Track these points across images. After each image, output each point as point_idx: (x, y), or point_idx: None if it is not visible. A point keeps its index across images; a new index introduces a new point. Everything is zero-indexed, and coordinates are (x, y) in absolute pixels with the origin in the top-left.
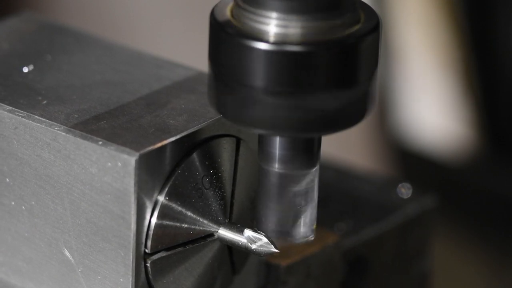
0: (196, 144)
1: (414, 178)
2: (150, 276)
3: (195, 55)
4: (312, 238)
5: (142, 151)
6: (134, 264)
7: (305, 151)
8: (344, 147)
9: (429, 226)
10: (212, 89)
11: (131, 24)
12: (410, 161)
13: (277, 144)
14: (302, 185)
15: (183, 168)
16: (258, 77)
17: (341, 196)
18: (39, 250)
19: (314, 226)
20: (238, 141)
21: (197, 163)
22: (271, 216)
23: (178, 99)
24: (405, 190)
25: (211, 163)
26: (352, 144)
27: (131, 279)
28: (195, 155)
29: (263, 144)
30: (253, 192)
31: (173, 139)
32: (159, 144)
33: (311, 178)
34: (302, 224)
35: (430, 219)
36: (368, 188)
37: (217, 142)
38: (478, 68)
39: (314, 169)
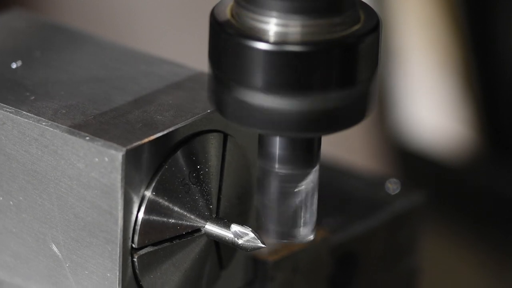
0: (183, 140)
1: (413, 178)
2: (137, 271)
3: (195, 55)
4: (313, 238)
5: (129, 147)
6: (121, 259)
7: (305, 151)
8: (344, 147)
9: (418, 222)
10: (213, 89)
11: (131, 24)
12: (409, 160)
13: (277, 144)
14: (302, 185)
15: (170, 163)
16: (258, 77)
17: (329, 192)
18: (27, 245)
19: (314, 226)
20: (225, 137)
21: (184, 159)
22: (271, 216)
23: (166, 95)
24: (391, 186)
25: (198, 158)
26: (351, 143)
27: (118, 274)
28: (182, 151)
29: (263, 144)
30: (240, 188)
31: (160, 134)
32: (146, 140)
33: (311, 178)
34: (302, 224)
35: (419, 215)
36: (357, 184)
37: (204, 137)
38: (478, 68)
39: (314, 169)
